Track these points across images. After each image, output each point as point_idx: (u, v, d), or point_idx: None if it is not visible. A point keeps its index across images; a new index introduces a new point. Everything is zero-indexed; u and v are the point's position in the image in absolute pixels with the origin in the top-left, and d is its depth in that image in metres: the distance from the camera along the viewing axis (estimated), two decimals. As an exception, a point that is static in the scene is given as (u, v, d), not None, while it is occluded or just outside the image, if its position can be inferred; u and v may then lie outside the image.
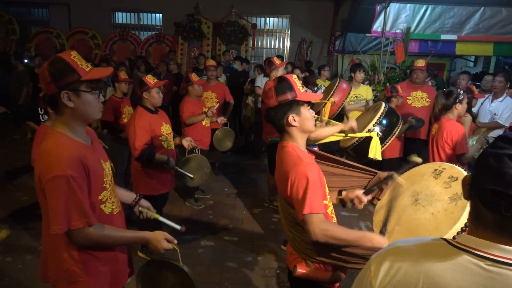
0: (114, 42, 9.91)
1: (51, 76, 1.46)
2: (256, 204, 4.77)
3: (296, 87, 1.67)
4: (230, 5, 9.66)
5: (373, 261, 0.89)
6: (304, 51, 9.76)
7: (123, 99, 4.39)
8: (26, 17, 10.63)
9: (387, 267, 0.84)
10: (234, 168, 6.17)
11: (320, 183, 1.60)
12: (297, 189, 1.57)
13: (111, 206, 1.68)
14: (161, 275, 1.71)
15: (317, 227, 1.50)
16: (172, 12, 9.75)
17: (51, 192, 1.44)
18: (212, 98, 5.26)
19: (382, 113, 2.79)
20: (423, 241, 0.89)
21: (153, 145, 3.18)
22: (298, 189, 1.57)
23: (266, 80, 5.46)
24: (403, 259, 0.84)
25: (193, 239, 3.83)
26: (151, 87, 3.19)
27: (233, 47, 9.67)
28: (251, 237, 3.97)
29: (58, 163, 1.43)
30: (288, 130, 1.71)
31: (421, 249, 0.86)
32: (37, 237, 3.74)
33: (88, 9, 10.01)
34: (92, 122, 2.54)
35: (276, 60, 4.27)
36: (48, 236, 1.57)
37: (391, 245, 0.93)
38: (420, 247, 0.86)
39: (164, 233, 1.65)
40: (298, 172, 1.58)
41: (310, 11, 9.94)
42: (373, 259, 0.90)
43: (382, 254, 0.90)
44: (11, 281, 3.10)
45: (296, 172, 1.59)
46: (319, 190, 1.57)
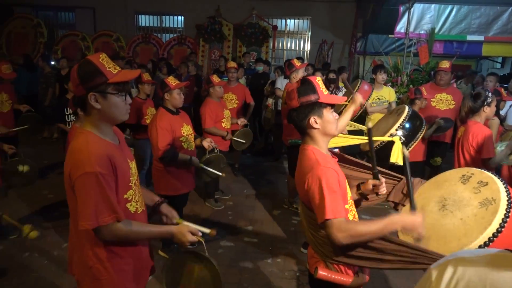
0: (137, 45, 10.11)
1: (80, 78, 1.50)
2: (275, 205, 4.76)
3: (319, 89, 1.66)
4: (251, 7, 9.70)
5: (433, 270, 0.87)
6: (325, 53, 9.69)
7: (146, 100, 4.47)
8: (53, 20, 10.99)
9: (449, 276, 0.82)
10: (253, 169, 6.18)
11: (339, 187, 1.58)
12: (313, 194, 1.56)
13: (136, 205, 1.70)
14: (187, 268, 1.73)
15: (338, 231, 1.49)
16: (193, 15, 9.87)
17: (81, 188, 1.47)
18: (233, 99, 5.29)
19: (405, 117, 2.74)
20: (487, 252, 0.87)
21: (174, 145, 3.23)
22: (314, 194, 1.56)
23: (286, 82, 5.45)
24: (466, 268, 0.82)
25: (213, 239, 3.85)
26: (173, 89, 3.24)
27: (253, 49, 9.69)
28: (271, 238, 3.97)
29: (88, 160, 1.46)
30: (309, 132, 1.70)
31: (486, 259, 0.83)
32: (62, 234, 3.85)
33: (113, 12, 10.26)
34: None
35: (296, 62, 4.26)
36: (75, 233, 1.61)
37: (451, 255, 0.89)
38: (484, 258, 0.84)
39: (188, 226, 1.67)
40: (313, 176, 1.57)
41: (331, 13, 9.87)
42: (433, 268, 0.87)
43: (443, 263, 0.87)
44: (38, 276, 3.19)
45: (312, 176, 1.58)
46: (338, 194, 1.55)
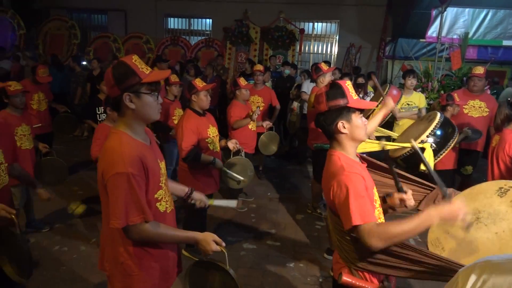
0: (166, 47, 10.31)
1: (115, 79, 1.54)
2: (299, 210, 4.73)
3: (349, 93, 1.64)
4: (278, 10, 9.71)
5: (461, 274, 0.87)
6: (353, 57, 9.57)
7: (174, 101, 4.55)
8: (87, 22, 11.38)
9: (474, 279, 0.82)
10: (277, 172, 6.16)
11: (366, 192, 1.54)
12: (339, 200, 1.54)
13: (165, 205, 1.73)
14: (209, 275, 1.74)
15: (371, 236, 1.45)
16: (221, 18, 9.98)
17: (113, 188, 1.51)
18: (259, 102, 5.30)
19: (437, 123, 2.65)
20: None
21: (199, 146, 3.26)
22: (340, 200, 1.54)
23: (312, 85, 5.41)
24: (491, 272, 0.81)
25: (236, 241, 3.87)
26: (200, 90, 3.28)
27: (280, 52, 9.69)
28: (293, 243, 3.94)
29: (121, 160, 1.50)
30: (337, 137, 1.68)
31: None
32: (91, 229, 3.97)
33: (143, 15, 10.52)
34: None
35: (323, 66, 4.23)
36: (107, 230, 1.65)
37: (480, 259, 0.89)
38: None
39: (213, 235, 1.68)
40: (339, 182, 1.55)
41: (360, 16, 9.75)
42: (460, 272, 0.88)
43: (470, 267, 0.87)
44: (67, 270, 3.30)
45: (337, 182, 1.56)
46: (365, 199, 1.52)
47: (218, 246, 1.66)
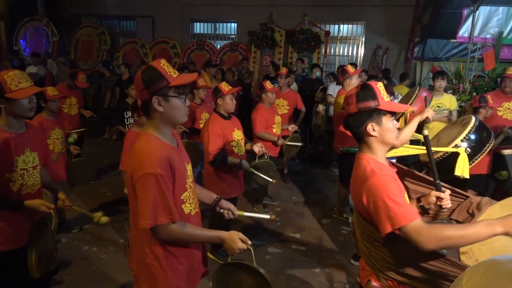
0: (192, 51, 10.46)
1: (144, 83, 1.57)
2: (324, 214, 4.67)
3: (380, 95, 1.59)
4: (303, 13, 9.67)
5: (467, 272, 0.86)
6: (379, 58, 9.38)
7: (200, 105, 4.60)
8: (116, 29, 11.71)
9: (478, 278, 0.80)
10: (302, 176, 6.11)
11: (400, 192, 1.49)
12: (375, 205, 1.47)
13: (190, 207, 1.74)
14: (237, 277, 1.73)
15: (419, 235, 1.36)
16: (246, 22, 10.03)
17: (141, 188, 1.53)
18: (284, 105, 5.28)
19: (471, 127, 2.54)
20: None
21: (224, 150, 3.28)
22: (376, 204, 1.47)
23: (338, 88, 5.34)
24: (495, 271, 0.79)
25: (261, 245, 3.86)
26: (225, 94, 3.30)
27: (305, 54, 9.63)
28: (319, 248, 3.89)
29: (149, 161, 1.52)
30: (366, 140, 1.64)
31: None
32: (119, 230, 4.05)
33: (170, 20, 10.72)
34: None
35: (349, 68, 4.16)
36: (134, 231, 1.68)
37: (488, 258, 0.87)
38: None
39: (238, 233, 1.67)
40: (371, 186, 1.50)
41: (387, 17, 9.55)
42: (467, 270, 0.87)
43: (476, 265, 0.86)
44: (96, 270, 3.38)
45: (369, 187, 1.50)
46: (401, 198, 1.46)
47: (244, 244, 1.65)
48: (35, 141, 2.26)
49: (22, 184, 2.14)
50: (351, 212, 4.52)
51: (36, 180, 2.23)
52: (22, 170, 2.14)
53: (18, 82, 2.05)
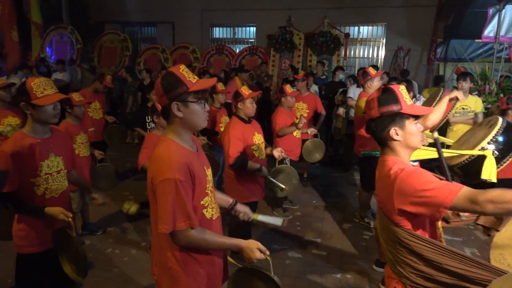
0: (211, 56, 10.56)
1: (163, 89, 1.58)
2: (345, 219, 4.60)
3: (402, 98, 1.56)
4: (322, 15, 9.62)
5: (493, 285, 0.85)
6: (401, 60, 9.22)
7: (220, 109, 4.63)
8: (137, 35, 11.96)
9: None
10: (322, 180, 6.05)
11: (431, 175, 1.46)
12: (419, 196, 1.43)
13: (211, 211, 1.75)
14: (252, 283, 1.73)
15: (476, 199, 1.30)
16: (265, 25, 10.06)
17: (161, 194, 1.55)
18: (303, 108, 5.25)
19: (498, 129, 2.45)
20: None
21: (245, 153, 3.27)
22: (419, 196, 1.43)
23: (358, 91, 5.27)
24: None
25: (281, 249, 3.83)
26: (246, 98, 3.30)
27: (324, 57, 9.57)
28: (340, 253, 3.83)
29: (169, 167, 1.53)
30: (389, 144, 1.61)
31: None
32: (141, 233, 4.11)
33: (190, 26, 10.87)
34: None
35: (371, 70, 4.10)
36: (156, 235, 1.70)
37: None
38: None
39: (257, 243, 1.66)
40: (403, 182, 1.47)
41: (408, 18, 9.39)
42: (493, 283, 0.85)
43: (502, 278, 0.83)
44: (118, 272, 3.44)
45: (401, 183, 1.47)
46: (437, 179, 1.43)
47: (262, 254, 1.65)
48: (60, 146, 2.31)
49: (46, 188, 2.20)
50: (373, 217, 4.43)
51: (60, 184, 2.29)
52: (46, 175, 2.19)
53: (43, 89, 2.10)
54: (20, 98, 2.10)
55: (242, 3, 10.31)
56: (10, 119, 3.74)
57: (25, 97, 2.08)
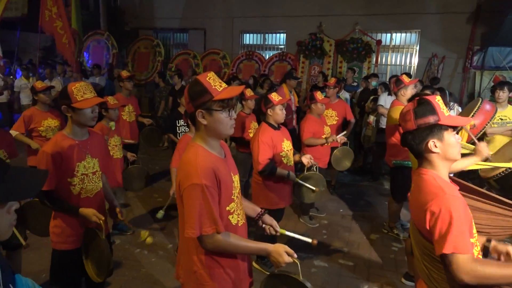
0: (241, 61, 10.67)
1: (190, 97, 1.62)
2: (373, 229, 4.50)
3: (440, 110, 1.52)
4: (354, 22, 9.52)
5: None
6: (435, 68, 8.96)
7: (249, 115, 4.66)
8: (170, 41, 12.27)
9: None
10: (350, 188, 5.96)
11: (466, 219, 1.41)
12: (439, 225, 1.41)
13: (237, 218, 1.76)
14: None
15: (463, 269, 1.33)
16: (295, 32, 10.06)
17: (188, 198, 1.57)
18: (333, 116, 5.20)
19: (539, 140, 2.35)
20: None
21: (274, 160, 3.28)
22: (439, 225, 1.41)
23: (390, 99, 5.17)
24: None
25: (306, 257, 3.79)
26: (276, 104, 3.31)
27: (355, 64, 9.45)
28: (368, 264, 3.75)
29: (196, 172, 1.56)
30: (427, 156, 1.57)
31: None
32: (168, 235, 4.18)
33: (221, 32, 11.05)
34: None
35: (405, 78, 4.02)
36: (182, 239, 1.72)
37: None
38: None
39: (284, 246, 1.65)
40: (439, 205, 1.42)
41: (443, 25, 9.12)
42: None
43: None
44: (146, 273, 3.51)
45: (438, 204, 1.43)
46: (465, 227, 1.39)
47: (291, 257, 1.63)
48: (96, 148, 2.41)
49: (82, 188, 2.29)
50: (403, 229, 4.32)
51: (95, 185, 2.37)
52: (82, 175, 2.28)
53: (83, 93, 2.20)
54: (61, 101, 2.21)
55: (272, 10, 10.38)
56: (50, 121, 3.92)
57: (66, 101, 2.18)
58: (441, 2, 9.00)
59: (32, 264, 3.43)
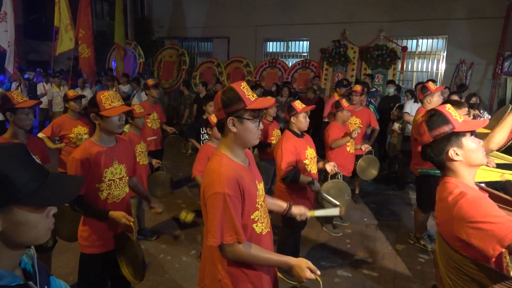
0: (264, 69, 10.74)
1: (222, 103, 1.63)
2: (399, 239, 4.39)
3: (452, 117, 1.50)
4: (378, 28, 9.42)
5: None
6: (463, 74, 8.72)
7: (272, 122, 4.67)
8: (194, 49, 12.51)
9: None
10: (375, 197, 5.84)
11: (495, 207, 1.37)
12: (473, 228, 1.36)
13: (261, 226, 1.75)
14: None
15: None
16: (319, 39, 10.05)
17: (210, 207, 1.59)
18: (357, 123, 5.14)
19: None
20: None
21: (297, 167, 3.26)
22: (473, 228, 1.36)
23: (416, 106, 5.06)
24: None
25: (329, 266, 3.74)
26: (299, 112, 3.30)
27: (379, 71, 9.33)
28: (393, 275, 3.65)
29: (219, 181, 1.57)
30: (450, 165, 1.54)
31: None
32: (191, 242, 4.22)
33: (244, 40, 11.18)
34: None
35: (431, 85, 3.94)
36: (207, 246, 1.73)
37: None
38: None
39: (307, 262, 1.64)
40: (461, 209, 1.39)
41: (472, 30, 8.88)
42: None
43: None
44: (169, 278, 3.55)
45: (460, 209, 1.40)
46: (501, 212, 1.35)
47: (313, 274, 1.62)
48: (123, 154, 2.47)
49: (109, 193, 2.35)
50: (429, 239, 4.19)
51: (122, 190, 2.43)
52: (109, 181, 2.34)
53: (111, 101, 2.27)
54: (91, 109, 2.29)
55: (296, 18, 10.42)
56: (80, 128, 4.06)
57: (95, 109, 2.26)
58: (470, 7, 8.79)
59: (60, 267, 3.53)
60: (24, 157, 0.92)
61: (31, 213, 0.91)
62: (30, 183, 0.89)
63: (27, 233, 0.91)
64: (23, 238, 0.92)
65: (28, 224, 0.91)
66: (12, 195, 0.86)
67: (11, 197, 0.86)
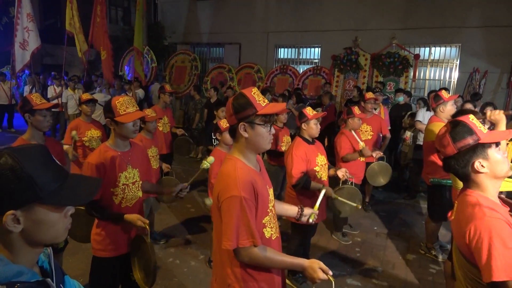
0: (275, 75, 10.76)
1: (234, 109, 1.65)
2: (410, 249, 4.33)
3: (477, 129, 1.48)
4: (391, 36, 9.38)
5: None
6: (476, 83, 8.62)
7: (282, 128, 4.67)
8: (206, 55, 12.62)
9: None
10: (385, 206, 5.79)
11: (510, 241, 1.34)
12: (479, 249, 1.36)
13: (271, 231, 1.76)
14: None
15: None
16: (330, 46, 10.04)
17: (226, 210, 1.60)
18: (367, 131, 5.11)
19: None
20: None
21: (307, 174, 3.26)
22: (479, 249, 1.36)
23: (429, 114, 5.02)
24: None
25: (339, 275, 3.71)
26: (310, 119, 3.30)
27: (391, 78, 9.27)
28: (403, 285, 3.61)
29: (235, 185, 1.59)
30: (474, 178, 1.52)
31: None
32: (200, 246, 4.23)
33: (256, 46, 11.23)
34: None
35: (444, 94, 3.90)
36: (217, 251, 1.74)
37: None
38: None
39: (319, 263, 1.64)
40: (478, 228, 1.37)
41: (486, 38, 8.78)
42: None
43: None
44: (178, 282, 3.56)
45: (476, 227, 1.38)
46: (510, 251, 1.32)
47: (325, 275, 1.62)
48: (137, 159, 2.50)
49: (122, 197, 2.38)
50: (441, 250, 4.13)
51: (135, 194, 2.46)
52: (123, 185, 2.37)
53: (126, 107, 2.30)
54: (106, 114, 2.32)
55: (307, 25, 10.44)
56: (93, 131, 4.11)
57: (110, 114, 2.29)
58: (483, 15, 8.71)
59: (71, 268, 3.57)
60: (46, 158, 0.96)
61: (51, 212, 0.94)
62: (52, 183, 0.93)
63: (47, 232, 0.95)
64: (43, 236, 0.95)
65: (48, 223, 0.94)
66: (35, 194, 0.90)
67: (34, 196, 0.90)
